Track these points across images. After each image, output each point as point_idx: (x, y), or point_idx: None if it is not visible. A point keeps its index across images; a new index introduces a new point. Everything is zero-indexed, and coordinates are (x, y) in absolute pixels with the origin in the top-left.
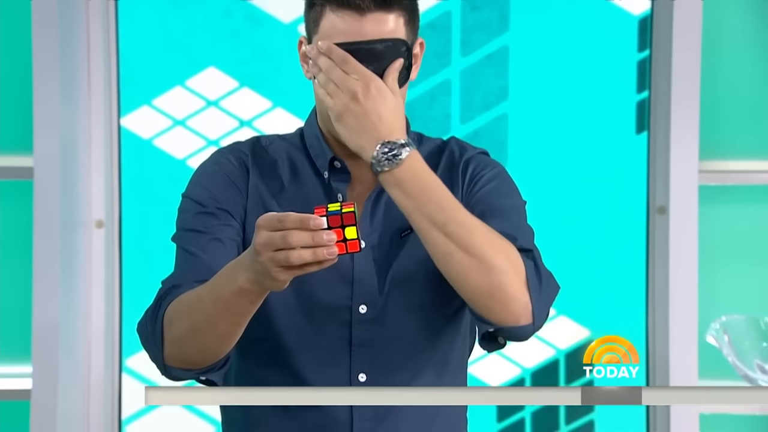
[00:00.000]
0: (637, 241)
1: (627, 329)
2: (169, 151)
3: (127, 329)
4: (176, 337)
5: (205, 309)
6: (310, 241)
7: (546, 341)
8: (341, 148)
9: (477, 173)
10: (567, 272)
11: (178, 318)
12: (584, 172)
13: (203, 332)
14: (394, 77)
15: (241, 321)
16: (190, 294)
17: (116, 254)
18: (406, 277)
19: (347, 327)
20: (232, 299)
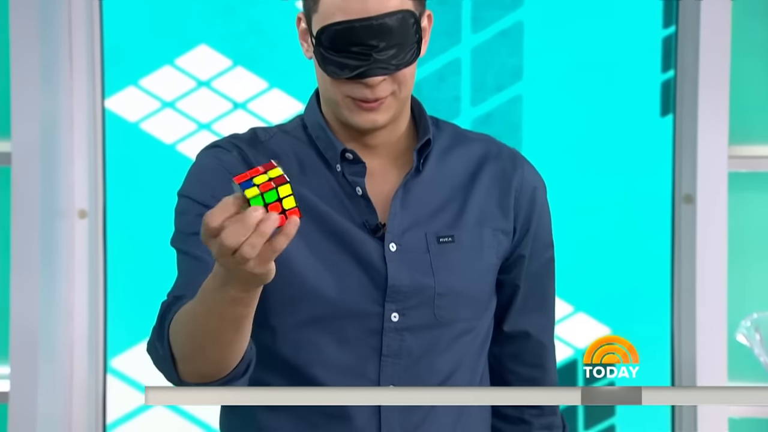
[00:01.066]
0: (662, 232)
1: (651, 327)
2: (158, 136)
3: (112, 327)
4: (183, 353)
5: (202, 324)
6: (245, 229)
7: (563, 340)
8: (351, 138)
9: (540, 225)
10: (586, 266)
11: (179, 333)
12: (604, 159)
13: (208, 347)
14: None
15: (242, 325)
16: (184, 310)
17: (100, 247)
18: (445, 287)
19: (378, 335)
20: (226, 309)
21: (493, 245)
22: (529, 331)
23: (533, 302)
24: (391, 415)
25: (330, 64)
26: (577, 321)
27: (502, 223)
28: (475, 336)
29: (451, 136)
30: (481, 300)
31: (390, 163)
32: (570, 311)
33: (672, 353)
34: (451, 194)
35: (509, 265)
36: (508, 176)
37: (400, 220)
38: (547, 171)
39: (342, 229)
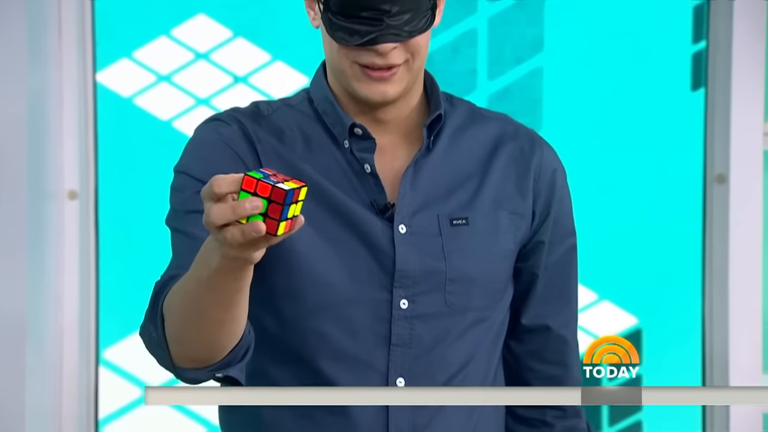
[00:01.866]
0: (693, 214)
1: (680, 316)
2: (153, 111)
3: (104, 316)
4: (175, 333)
5: (192, 297)
6: (232, 215)
7: (586, 330)
8: (360, 112)
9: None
10: (611, 251)
11: (172, 311)
12: (630, 137)
13: (198, 323)
14: None
15: (234, 302)
16: (177, 286)
17: (92, 230)
18: (457, 272)
19: (386, 324)
20: (214, 280)
21: (510, 229)
22: (549, 325)
23: (553, 293)
24: (399, 411)
25: (339, 30)
26: (601, 310)
27: (520, 207)
28: (489, 326)
29: (465, 114)
30: (496, 288)
31: (400, 139)
32: (593, 299)
33: (703, 344)
34: (466, 174)
35: (527, 252)
36: (526, 157)
37: (411, 200)
38: (568, 150)
39: (348, 209)
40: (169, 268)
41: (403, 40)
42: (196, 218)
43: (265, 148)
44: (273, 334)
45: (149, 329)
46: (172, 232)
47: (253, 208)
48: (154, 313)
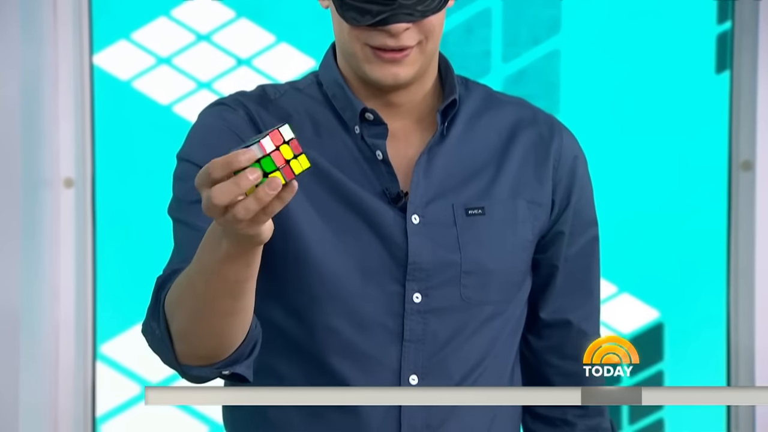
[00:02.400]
0: (717, 202)
1: (704, 310)
2: (152, 96)
3: (102, 309)
4: (180, 330)
5: (197, 289)
6: (237, 189)
7: (606, 324)
8: (372, 96)
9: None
10: (631, 241)
11: (176, 306)
12: (652, 121)
13: (205, 315)
14: None
15: (242, 291)
16: (180, 278)
17: (89, 219)
18: (473, 265)
19: (398, 318)
20: (222, 268)
21: (528, 219)
22: (569, 320)
23: (574, 286)
24: (412, 408)
25: (350, 9)
26: (622, 303)
27: (539, 195)
28: (506, 321)
29: (481, 99)
30: (514, 280)
31: (414, 125)
32: (613, 292)
33: (728, 339)
34: (482, 162)
35: (546, 243)
36: (545, 144)
37: (424, 189)
38: (587, 135)
39: (359, 198)
40: (171, 261)
41: (416, 20)
42: (200, 209)
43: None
44: (280, 327)
45: (152, 326)
46: (175, 223)
47: (256, 178)
48: (157, 310)
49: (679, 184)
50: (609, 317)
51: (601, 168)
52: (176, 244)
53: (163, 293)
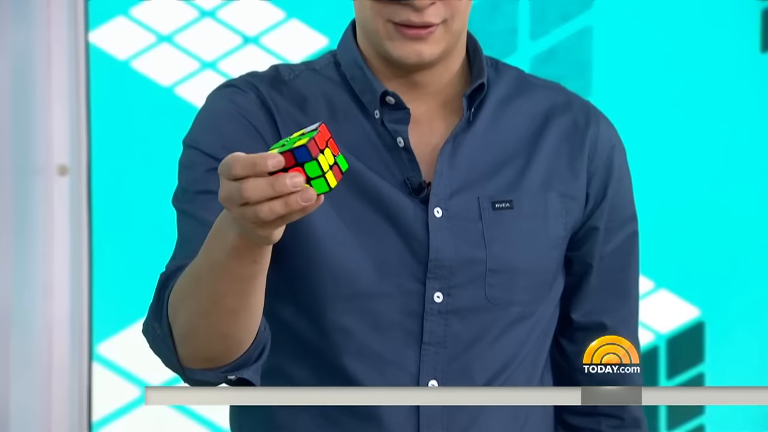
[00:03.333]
0: (762, 192)
1: (747, 307)
2: (153, 76)
3: (99, 306)
4: (184, 330)
5: (203, 286)
6: (271, 192)
7: (642, 323)
8: (394, 78)
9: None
10: (670, 233)
11: (180, 304)
12: (692, 103)
13: (211, 314)
14: None
15: (251, 288)
16: (184, 274)
17: (84, 209)
18: (499, 262)
19: (417, 319)
20: (230, 263)
21: (560, 214)
22: (604, 323)
23: (610, 287)
24: (432, 416)
25: None
26: (660, 300)
27: (573, 188)
28: (535, 323)
29: (512, 83)
30: (544, 280)
31: (438, 110)
32: (650, 288)
33: None
34: (511, 151)
35: (580, 239)
36: (580, 132)
37: (448, 180)
38: (621, 120)
39: (377, 188)
40: (175, 257)
41: None
42: (207, 200)
43: (285, 118)
44: (291, 327)
45: (153, 326)
46: (180, 215)
47: (294, 185)
48: (159, 309)
49: (722, 173)
50: (645, 315)
51: (638, 155)
52: (181, 237)
53: (166, 291)
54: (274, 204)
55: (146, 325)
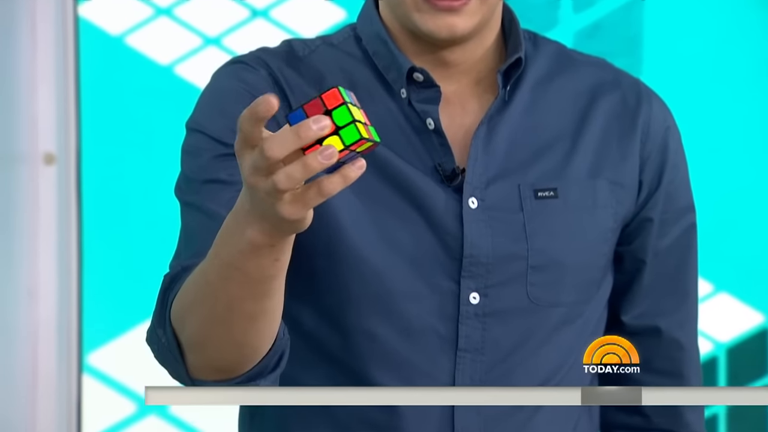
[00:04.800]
0: None
1: None
2: (150, 54)
3: (89, 311)
4: (194, 339)
5: (215, 286)
6: (296, 141)
7: (700, 331)
8: (422, 53)
9: (675, 179)
10: (731, 230)
11: (188, 309)
12: (755, 84)
13: (226, 321)
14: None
15: (271, 289)
16: (193, 276)
17: (73, 202)
18: (543, 258)
19: (452, 323)
20: (248, 263)
21: (610, 203)
22: (659, 326)
23: (666, 286)
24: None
25: None
26: (719, 305)
27: (623, 175)
28: (582, 327)
29: (553, 59)
30: (592, 277)
31: (471, 89)
32: (709, 291)
33: None
34: (554, 134)
35: (632, 232)
36: (630, 112)
37: (484, 166)
38: (676, 103)
39: (405, 176)
40: (180, 255)
41: None
42: (216, 190)
43: (299, 98)
44: (308, 331)
45: (158, 334)
46: (184, 207)
47: (321, 128)
48: (163, 314)
49: None
50: (703, 322)
51: (693, 141)
52: (185, 233)
53: (171, 294)
54: (291, 169)
55: (150, 332)
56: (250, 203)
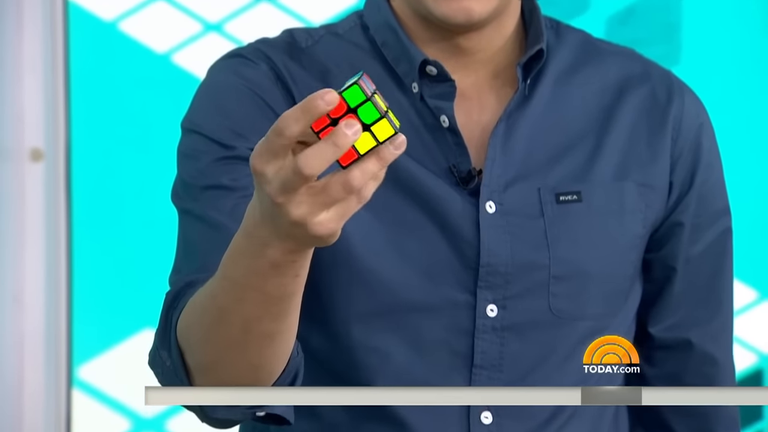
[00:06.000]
0: None
1: None
2: (145, 41)
3: (80, 320)
4: (204, 361)
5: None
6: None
7: (742, 341)
8: (434, 43)
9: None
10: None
11: (196, 330)
12: None
13: (242, 344)
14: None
15: (288, 309)
16: (201, 294)
17: (62, 202)
18: (566, 267)
19: (467, 337)
20: (268, 283)
21: (638, 208)
22: (690, 339)
23: (698, 295)
24: None
25: None
26: (763, 314)
27: (653, 176)
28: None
29: (577, 49)
30: (619, 287)
31: (489, 83)
32: (752, 299)
33: None
34: (578, 132)
35: (661, 237)
36: (661, 108)
37: (502, 168)
38: (715, 97)
39: (417, 178)
40: (179, 269)
41: None
42: (217, 197)
43: (303, 93)
44: (316, 349)
45: (161, 356)
46: (183, 216)
47: (355, 132)
48: (167, 335)
49: None
50: (746, 332)
51: (731, 138)
52: (185, 244)
53: (175, 314)
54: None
55: (153, 355)
56: (272, 223)
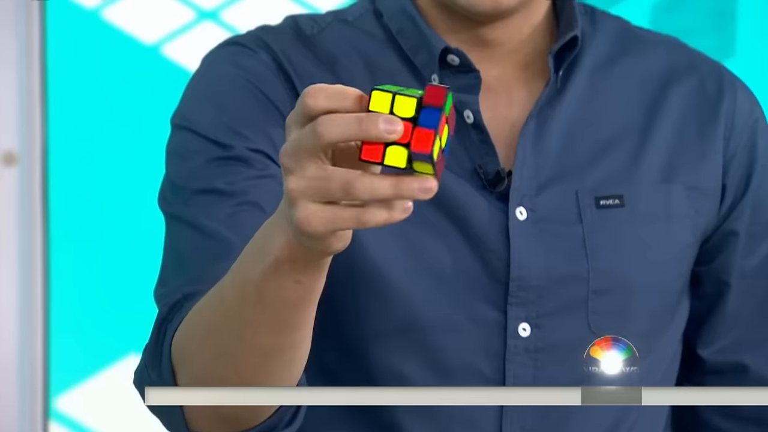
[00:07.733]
0: None
1: None
2: (132, 31)
3: (57, 344)
4: (195, 378)
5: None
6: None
7: None
8: (457, 31)
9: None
10: None
11: (194, 347)
12: None
13: (233, 355)
14: None
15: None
16: (203, 301)
17: (37, 209)
18: (608, 280)
19: (497, 360)
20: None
21: (687, 213)
22: (746, 363)
23: (754, 314)
24: None
25: None
26: None
27: (703, 178)
28: (654, 363)
29: (614, 38)
30: (666, 303)
31: (517, 75)
32: None
33: None
34: (619, 129)
35: (713, 248)
36: (711, 103)
37: (534, 169)
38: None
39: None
40: (167, 281)
41: None
42: (211, 202)
43: (307, 84)
44: (329, 371)
45: (150, 377)
46: (172, 222)
47: (389, 132)
48: (158, 353)
49: None
50: None
51: None
52: (174, 253)
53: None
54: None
55: (139, 374)
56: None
